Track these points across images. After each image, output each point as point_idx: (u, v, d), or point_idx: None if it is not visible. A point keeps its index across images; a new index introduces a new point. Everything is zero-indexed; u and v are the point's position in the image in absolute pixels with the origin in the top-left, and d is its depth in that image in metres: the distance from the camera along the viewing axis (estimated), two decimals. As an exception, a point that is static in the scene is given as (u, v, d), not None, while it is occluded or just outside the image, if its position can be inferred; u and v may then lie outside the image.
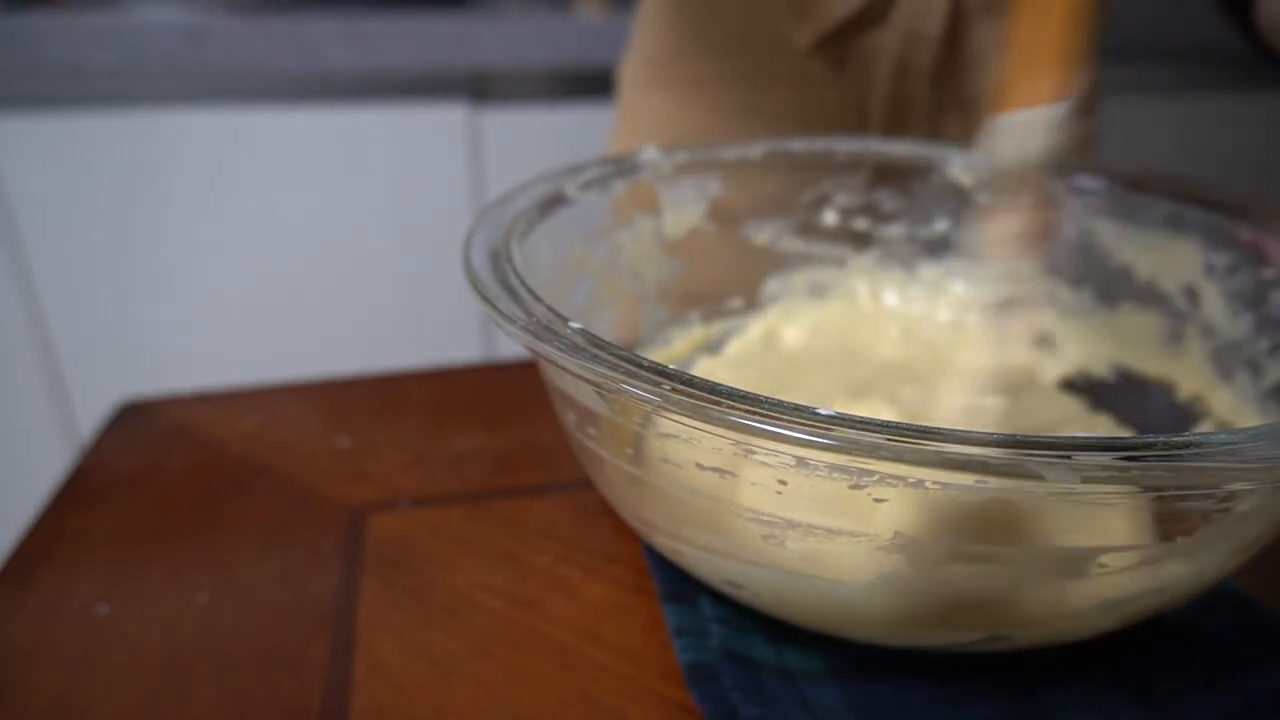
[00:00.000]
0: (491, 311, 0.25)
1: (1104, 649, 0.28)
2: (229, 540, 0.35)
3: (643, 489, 0.28)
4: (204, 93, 0.91)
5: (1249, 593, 0.30)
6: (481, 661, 0.29)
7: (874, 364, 0.42)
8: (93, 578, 0.32)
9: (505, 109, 0.99)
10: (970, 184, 0.43)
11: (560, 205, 0.35)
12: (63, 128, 0.89)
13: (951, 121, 0.55)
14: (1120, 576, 0.24)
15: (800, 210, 0.45)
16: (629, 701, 0.27)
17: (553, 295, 0.26)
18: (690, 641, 0.28)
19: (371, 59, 0.90)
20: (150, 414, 0.43)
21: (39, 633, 0.30)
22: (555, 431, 0.34)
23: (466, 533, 0.35)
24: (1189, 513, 0.23)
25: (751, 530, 0.25)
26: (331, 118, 0.95)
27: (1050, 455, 0.18)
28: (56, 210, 0.91)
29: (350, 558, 0.34)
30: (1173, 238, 0.38)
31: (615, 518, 0.36)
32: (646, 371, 0.22)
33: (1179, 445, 0.19)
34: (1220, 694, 0.27)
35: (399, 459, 0.40)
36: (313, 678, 0.28)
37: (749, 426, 0.20)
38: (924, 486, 0.20)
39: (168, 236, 0.95)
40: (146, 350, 0.99)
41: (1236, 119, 1.24)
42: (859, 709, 0.26)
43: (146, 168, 0.92)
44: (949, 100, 0.54)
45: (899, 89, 0.53)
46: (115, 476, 0.39)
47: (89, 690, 0.28)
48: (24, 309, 0.94)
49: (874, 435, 0.19)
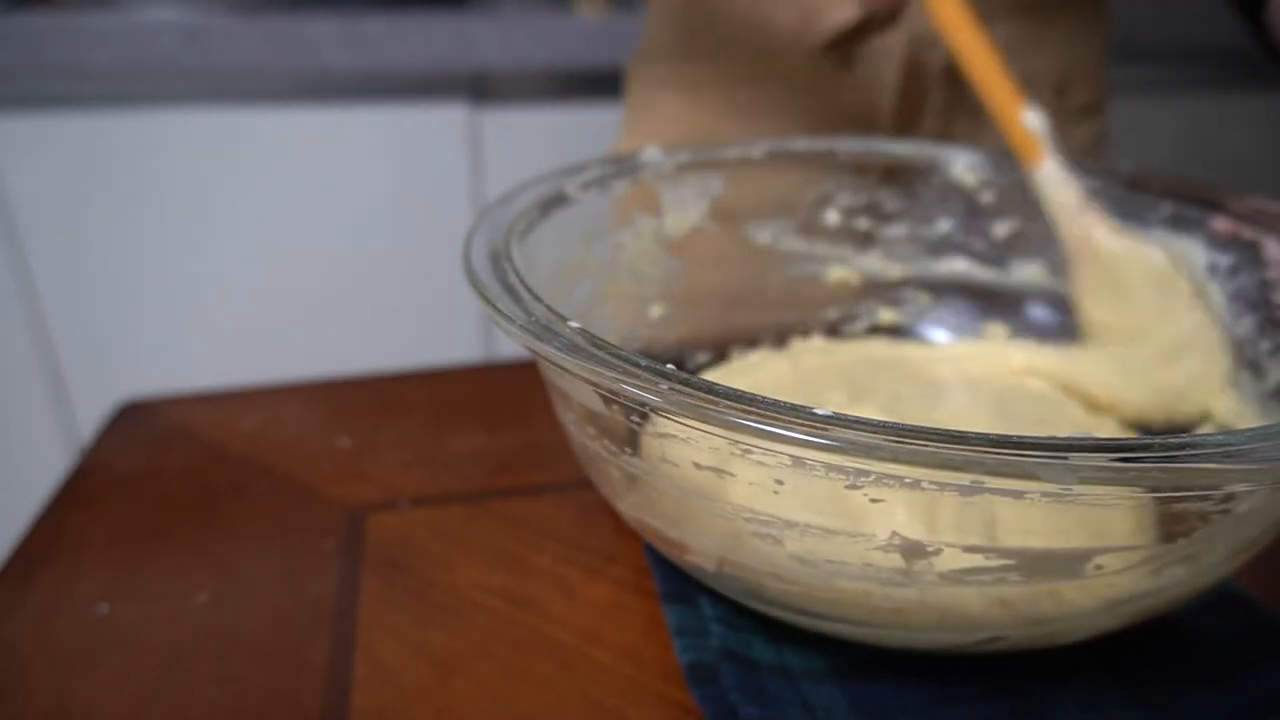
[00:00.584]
0: (491, 311, 0.25)
1: (1104, 649, 0.28)
2: (229, 540, 0.35)
3: (642, 488, 0.28)
4: (204, 93, 0.91)
5: (1249, 593, 0.30)
6: (481, 661, 0.29)
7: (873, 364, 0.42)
8: (93, 578, 0.32)
9: (505, 109, 0.99)
10: (973, 184, 0.43)
11: (560, 205, 0.35)
12: (62, 128, 0.89)
13: (963, 122, 0.55)
14: (1119, 577, 0.24)
15: (802, 210, 0.45)
16: (629, 702, 0.27)
17: (553, 295, 0.26)
18: (690, 641, 0.28)
19: (371, 59, 0.90)
20: (150, 414, 0.43)
21: (39, 633, 0.30)
22: (555, 431, 0.34)
23: (466, 533, 0.35)
24: (1187, 514, 0.23)
25: (750, 530, 0.25)
26: (331, 118, 0.95)
27: (1047, 455, 0.18)
28: (56, 210, 0.91)
29: (350, 558, 0.34)
30: (1174, 238, 0.38)
31: (615, 518, 0.36)
32: (645, 371, 0.22)
33: (1176, 446, 0.19)
34: (1220, 694, 0.27)
35: (399, 459, 0.40)
36: (313, 678, 0.28)
37: (746, 426, 0.20)
38: (920, 487, 0.20)
39: (168, 236, 0.95)
40: (146, 350, 0.99)
41: (1236, 119, 1.24)
42: (859, 709, 0.26)
43: (146, 168, 0.92)
44: (960, 102, 0.54)
45: (909, 89, 0.53)
46: (115, 476, 0.39)
47: (89, 690, 0.28)
48: (24, 309, 0.94)
49: (871, 435, 0.19)
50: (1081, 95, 0.57)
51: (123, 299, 0.96)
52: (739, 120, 0.56)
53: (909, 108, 0.54)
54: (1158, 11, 1.11)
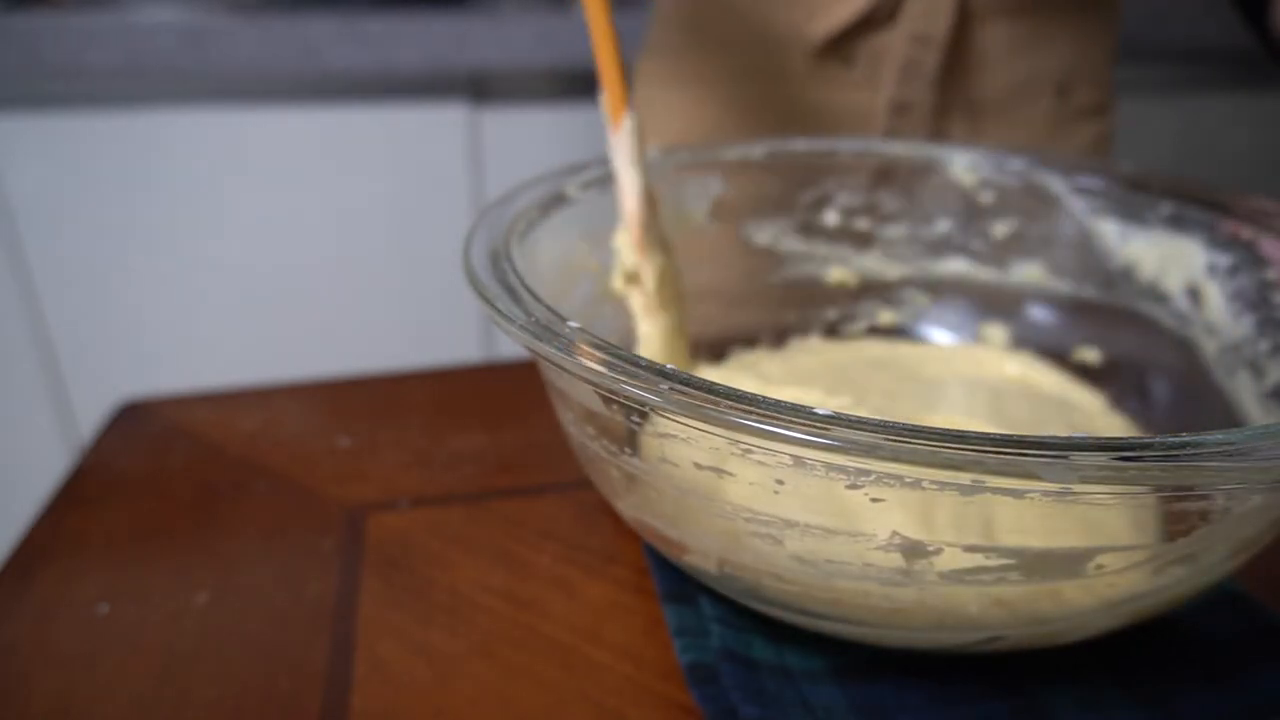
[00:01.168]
0: (491, 311, 0.25)
1: (1104, 649, 0.28)
2: (229, 540, 0.35)
3: (641, 488, 0.28)
4: (204, 93, 0.91)
5: (1249, 593, 0.30)
6: (481, 661, 0.29)
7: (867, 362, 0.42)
8: (93, 578, 0.32)
9: (505, 109, 0.99)
10: (972, 184, 0.43)
11: (560, 205, 0.35)
12: (62, 128, 0.89)
13: (957, 122, 0.55)
14: (1119, 577, 0.24)
15: (802, 210, 0.45)
16: (629, 702, 0.27)
17: (553, 295, 0.26)
18: (690, 641, 0.28)
19: (371, 59, 0.90)
20: (150, 414, 0.43)
21: (39, 633, 0.30)
22: (555, 431, 0.34)
23: (466, 533, 0.35)
24: (1187, 514, 0.23)
25: (750, 530, 0.25)
26: (331, 118, 0.95)
27: (1047, 455, 0.18)
28: (56, 210, 0.91)
29: (350, 558, 0.34)
30: (1174, 238, 0.38)
31: (615, 518, 0.36)
32: (645, 371, 0.22)
33: (1176, 446, 0.19)
34: (1220, 694, 0.27)
35: (399, 459, 0.40)
36: (313, 678, 0.28)
37: (746, 426, 0.20)
38: (921, 486, 0.20)
39: (168, 236, 0.95)
40: (146, 350, 0.99)
41: (1236, 119, 1.24)
42: (859, 709, 0.26)
43: (146, 167, 0.92)
44: (954, 102, 0.54)
45: (903, 90, 0.53)
46: (115, 476, 0.39)
47: (89, 690, 0.28)
48: (24, 309, 0.94)
49: (871, 435, 0.19)
50: (1085, 96, 0.57)
51: (123, 299, 0.96)
52: (741, 116, 0.56)
53: (902, 109, 0.54)
54: (1160, 11, 1.10)
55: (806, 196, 0.44)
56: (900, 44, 0.52)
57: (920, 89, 0.53)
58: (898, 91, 0.53)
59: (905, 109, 0.54)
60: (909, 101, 0.54)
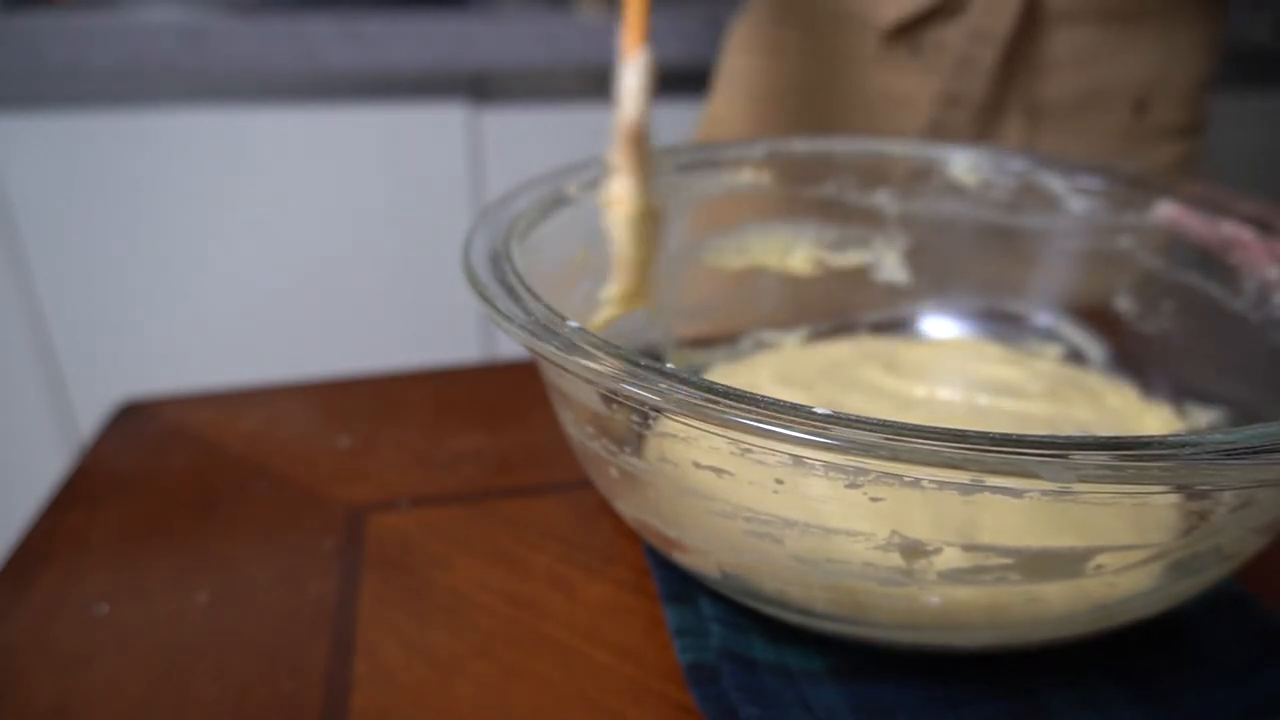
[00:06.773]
0: (491, 311, 0.25)
1: (1104, 649, 0.28)
2: (229, 540, 0.35)
3: (641, 488, 0.28)
4: (204, 93, 0.91)
5: (1249, 593, 0.30)
6: (481, 661, 0.29)
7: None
8: (93, 578, 0.32)
9: (505, 109, 0.99)
10: (973, 184, 0.43)
11: (560, 205, 0.35)
12: (63, 128, 0.89)
13: (1013, 123, 0.55)
14: (1119, 577, 0.24)
15: (801, 210, 0.45)
16: (629, 702, 0.27)
17: (553, 295, 0.27)
18: (690, 641, 0.28)
19: (371, 59, 0.90)
20: (150, 414, 0.43)
21: (39, 633, 0.30)
22: (555, 431, 0.34)
23: (466, 533, 0.35)
24: (1187, 513, 0.23)
25: (750, 530, 0.25)
26: (331, 118, 0.95)
27: (1047, 454, 0.18)
28: (56, 210, 0.91)
29: (350, 558, 0.34)
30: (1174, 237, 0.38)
31: (615, 518, 0.36)
32: (645, 371, 0.22)
33: (1176, 445, 0.19)
34: (1220, 694, 0.27)
35: (399, 459, 0.40)
36: (313, 678, 0.28)
37: (746, 425, 0.20)
38: (920, 485, 0.20)
39: (168, 236, 0.95)
40: (146, 350, 0.99)
41: (1237, 119, 1.24)
42: (859, 709, 0.26)
43: (146, 168, 0.92)
44: (1013, 102, 0.54)
45: (955, 84, 0.54)
46: (115, 476, 0.39)
47: (89, 690, 0.28)
48: (24, 309, 0.94)
49: (871, 434, 0.19)
50: (1167, 115, 0.56)
51: (123, 299, 0.96)
52: (804, 95, 0.57)
53: (954, 100, 0.54)
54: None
55: (806, 196, 0.44)
56: (960, 38, 0.52)
57: (973, 84, 0.53)
58: (949, 84, 0.54)
59: (955, 102, 0.54)
60: (959, 95, 0.54)
